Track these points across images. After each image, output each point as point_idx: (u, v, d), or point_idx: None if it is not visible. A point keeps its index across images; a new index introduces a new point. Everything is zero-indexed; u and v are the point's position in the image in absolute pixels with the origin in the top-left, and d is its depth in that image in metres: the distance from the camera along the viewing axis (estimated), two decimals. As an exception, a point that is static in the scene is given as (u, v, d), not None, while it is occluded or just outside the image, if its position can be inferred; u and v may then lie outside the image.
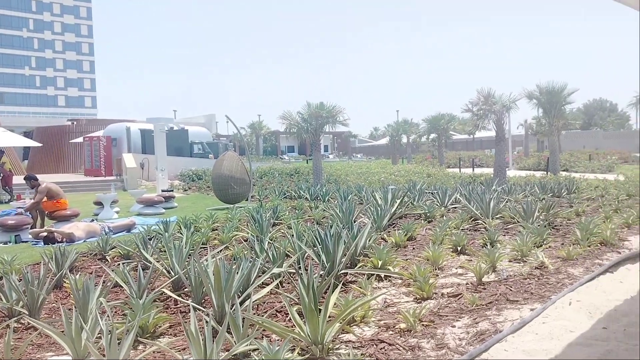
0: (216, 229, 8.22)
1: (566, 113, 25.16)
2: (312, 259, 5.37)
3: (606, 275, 5.02)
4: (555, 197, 11.55)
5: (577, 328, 3.62)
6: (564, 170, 23.08)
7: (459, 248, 6.18)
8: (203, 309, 4.01)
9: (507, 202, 9.86)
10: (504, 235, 7.13)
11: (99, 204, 12.10)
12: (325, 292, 4.07)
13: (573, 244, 6.21)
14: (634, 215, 7.90)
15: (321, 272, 4.97)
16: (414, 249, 6.54)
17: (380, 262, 5.17)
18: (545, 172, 21.97)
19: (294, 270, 4.94)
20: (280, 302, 4.24)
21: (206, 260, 4.70)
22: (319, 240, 5.34)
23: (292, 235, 6.23)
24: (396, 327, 3.67)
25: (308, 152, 46.51)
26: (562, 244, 6.42)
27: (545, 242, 6.38)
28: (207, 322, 3.12)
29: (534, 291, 4.48)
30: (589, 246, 6.09)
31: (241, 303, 3.97)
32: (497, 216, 8.44)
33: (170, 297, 4.53)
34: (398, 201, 9.45)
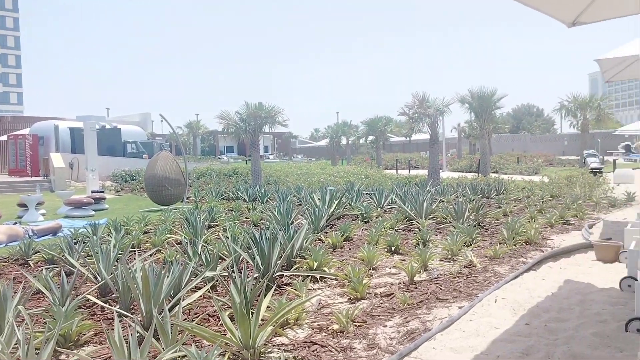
0: (148, 232, 7.97)
1: (496, 117, 26.26)
2: (248, 262, 5.30)
3: (530, 273, 5.26)
4: (485, 197, 12.02)
5: (502, 324, 3.76)
6: (494, 172, 24.05)
7: (393, 248, 6.30)
8: (131, 316, 3.87)
9: (439, 202, 10.15)
10: (436, 235, 7.33)
11: (23, 205, 11.44)
12: (260, 295, 4.03)
13: (500, 243, 6.48)
14: (556, 215, 8.34)
15: (256, 275, 4.92)
16: (350, 249, 6.60)
17: (315, 264, 5.18)
18: (476, 174, 22.83)
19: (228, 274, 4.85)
20: (214, 306, 4.15)
21: (140, 263, 4.53)
22: (254, 242, 5.28)
23: (227, 238, 6.13)
24: (329, 328, 3.68)
25: (247, 152, 46.10)
26: (490, 243, 6.68)
27: (474, 242, 6.62)
28: (132, 328, 3.00)
29: (462, 289, 4.63)
30: (515, 245, 6.37)
31: (172, 308, 3.86)
32: (430, 216, 8.67)
33: (98, 303, 4.33)
34: (336, 202, 9.53)
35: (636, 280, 4.18)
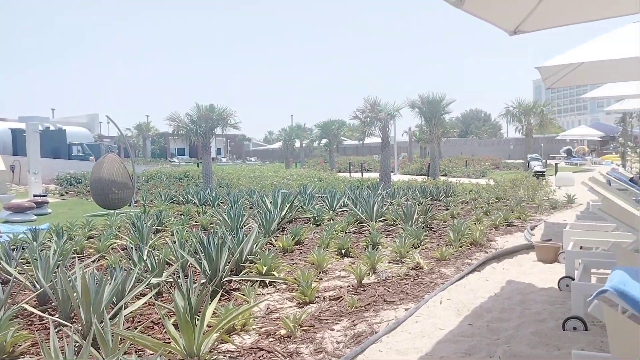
0: (93, 237, 7.71)
1: (445, 122, 26.91)
2: (196, 268, 5.21)
3: (474, 274, 5.40)
4: (434, 200, 12.27)
5: (446, 325, 3.84)
6: (443, 175, 24.62)
7: (343, 251, 6.32)
8: (70, 325, 3.72)
9: (390, 205, 10.29)
10: (386, 237, 7.41)
11: (-43, 210, 10.87)
12: (206, 301, 3.96)
13: (446, 245, 6.62)
14: (500, 217, 8.60)
15: (203, 281, 4.83)
16: (300, 253, 6.59)
17: (265, 268, 5.14)
18: (426, 177, 23.30)
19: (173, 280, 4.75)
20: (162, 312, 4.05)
21: (81, 270, 4.37)
22: (202, 246, 5.19)
23: (175, 242, 6.01)
24: (277, 333, 3.66)
25: (199, 155, 45.48)
26: (438, 244, 6.81)
27: (422, 243, 6.74)
28: (69, 337, 2.88)
29: (409, 291, 4.70)
30: (461, 247, 6.53)
31: (115, 315, 3.74)
32: (381, 219, 8.77)
33: (35, 312, 4.15)
34: (288, 205, 9.50)
35: (573, 279, 4.36)
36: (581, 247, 5.48)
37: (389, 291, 4.70)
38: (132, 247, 5.92)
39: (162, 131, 51.98)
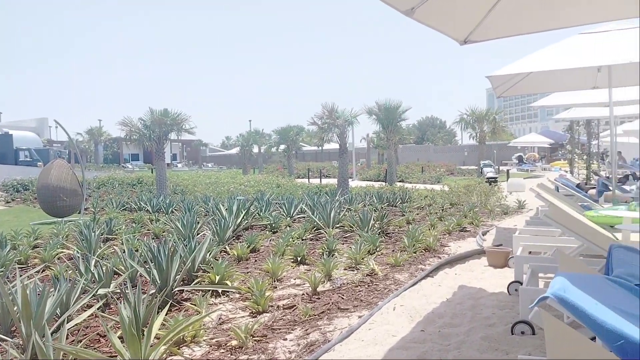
0: (38, 247, 7.40)
1: (402, 129, 27.28)
2: (145, 277, 5.06)
3: (427, 280, 5.46)
4: (391, 206, 12.39)
5: (399, 332, 3.86)
6: (400, 181, 24.92)
7: (299, 258, 6.29)
8: (8, 339, 3.53)
9: (347, 211, 10.32)
10: (343, 244, 7.41)
11: None
12: (158, 312, 3.84)
13: (401, 251, 6.68)
14: (454, 222, 8.76)
15: (153, 291, 4.70)
16: (256, 261, 6.51)
17: (218, 277, 5.05)
18: (384, 183, 23.55)
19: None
20: (107, 325, 3.90)
21: (22, 282, 4.17)
22: (152, 255, 5.05)
23: (124, 252, 5.83)
24: (228, 344, 3.58)
25: (153, 160, 44.57)
26: (393, 250, 6.86)
27: (378, 250, 6.77)
28: (8, 353, 2.73)
29: (363, 298, 4.71)
30: (415, 252, 6.60)
31: (59, 328, 3.58)
32: (338, 225, 8.78)
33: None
34: (244, 212, 9.39)
35: (522, 284, 4.46)
36: (530, 252, 5.62)
37: (343, 298, 4.69)
38: (79, 257, 5.71)
39: (115, 136, 50.67)
